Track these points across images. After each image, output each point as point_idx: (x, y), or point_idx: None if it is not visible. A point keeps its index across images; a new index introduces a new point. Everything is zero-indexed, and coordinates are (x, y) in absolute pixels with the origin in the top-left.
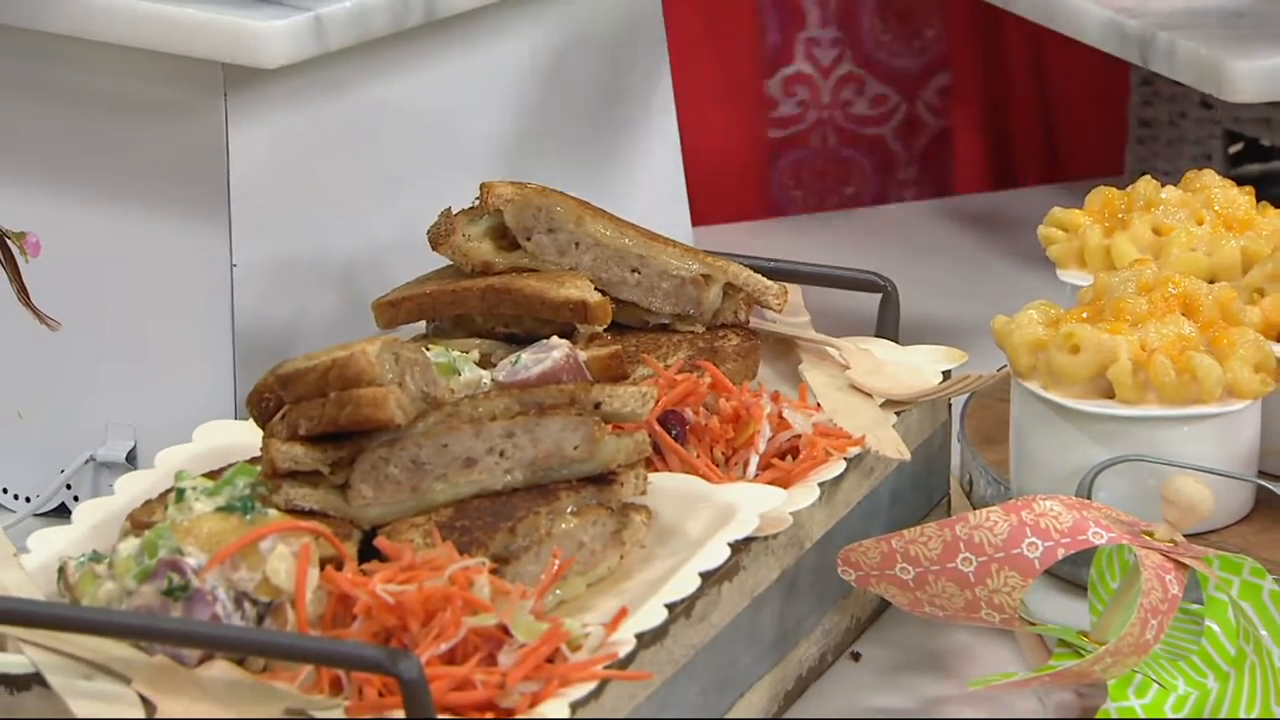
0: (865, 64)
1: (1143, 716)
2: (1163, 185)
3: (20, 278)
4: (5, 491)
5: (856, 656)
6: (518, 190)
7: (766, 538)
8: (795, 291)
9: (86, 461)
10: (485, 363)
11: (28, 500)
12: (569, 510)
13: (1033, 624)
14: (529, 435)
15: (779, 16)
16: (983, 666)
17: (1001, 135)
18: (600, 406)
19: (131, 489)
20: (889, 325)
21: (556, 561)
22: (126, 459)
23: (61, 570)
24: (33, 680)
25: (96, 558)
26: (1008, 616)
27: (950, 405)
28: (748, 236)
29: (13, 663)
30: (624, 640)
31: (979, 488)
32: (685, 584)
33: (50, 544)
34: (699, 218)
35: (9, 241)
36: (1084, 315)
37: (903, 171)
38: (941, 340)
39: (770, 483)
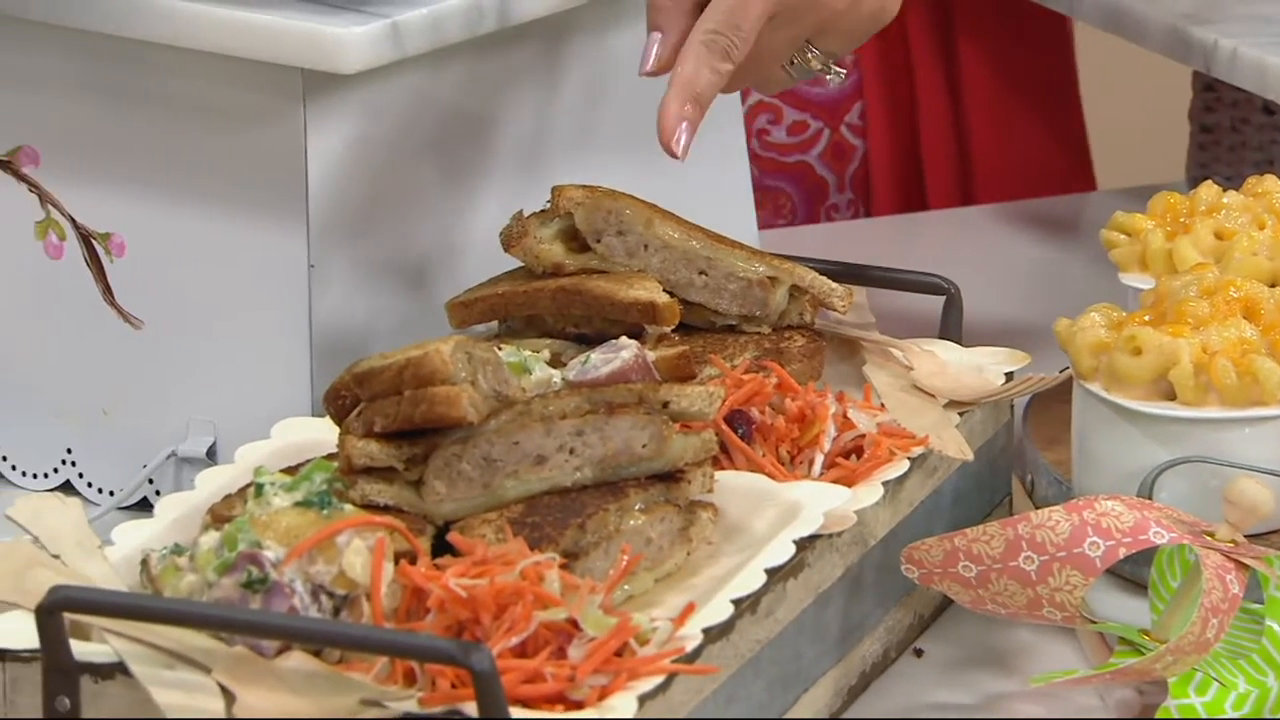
0: (778, 94)
1: (1203, 714)
2: (1224, 190)
3: (105, 277)
4: (90, 486)
5: (919, 653)
6: (588, 193)
7: (831, 535)
8: (860, 294)
9: (168, 457)
10: (556, 362)
11: (111, 494)
12: (637, 507)
13: (1094, 622)
14: (598, 433)
15: None
16: (1044, 664)
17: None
18: (668, 406)
19: (212, 484)
20: (952, 327)
21: (625, 557)
22: (207, 455)
23: (144, 562)
24: (116, 669)
25: (178, 550)
26: (1069, 614)
27: (1013, 406)
28: (813, 240)
29: (97, 652)
30: (691, 635)
31: (1040, 488)
32: (751, 580)
33: (133, 537)
34: None
35: (94, 242)
36: (1146, 318)
37: (834, 197)
38: (1004, 342)
39: (835, 481)
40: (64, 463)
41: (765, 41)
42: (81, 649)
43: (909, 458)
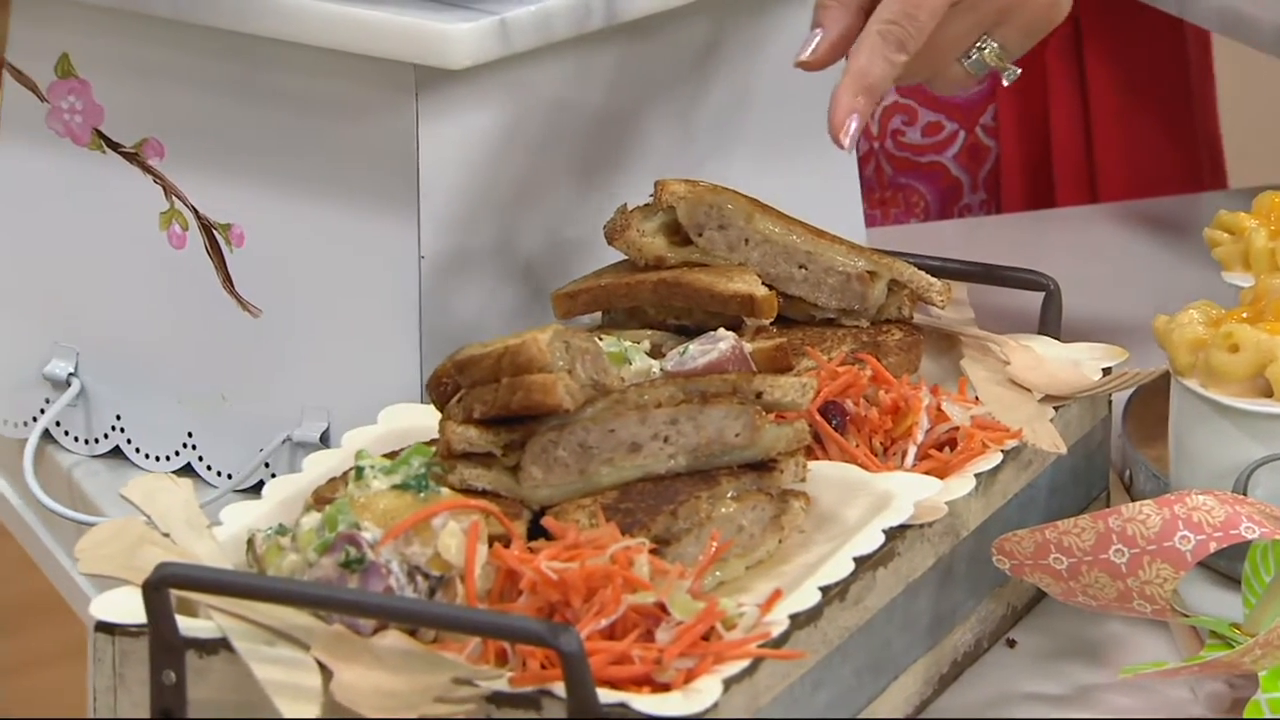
0: (912, 94)
1: None
2: None
3: (225, 267)
4: (209, 469)
5: (1012, 643)
6: (690, 188)
7: (922, 526)
8: (960, 289)
9: (283, 442)
10: (656, 353)
11: (229, 477)
12: (729, 495)
13: (1185, 615)
14: (692, 422)
15: None
16: (1136, 656)
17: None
18: (762, 396)
19: (319, 467)
20: (1051, 323)
21: (714, 544)
22: (320, 440)
23: (250, 542)
24: (220, 645)
25: (282, 531)
26: (1159, 608)
27: (1110, 402)
28: (916, 236)
29: (202, 628)
30: (778, 621)
31: (1138, 483)
32: (839, 568)
33: (241, 517)
34: None
35: (215, 232)
36: (1244, 315)
37: (967, 197)
38: (1110, 339)
39: (927, 473)
40: (185, 446)
41: (943, 32)
42: (188, 625)
43: (1002, 450)
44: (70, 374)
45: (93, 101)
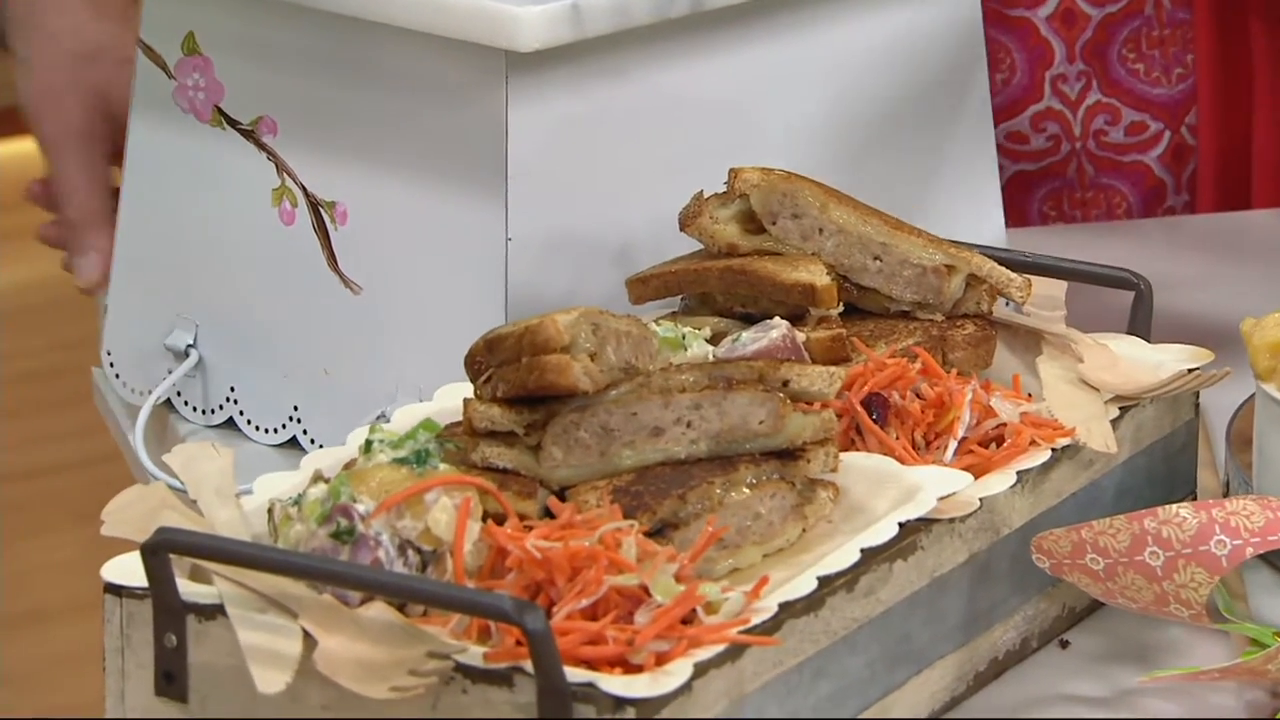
0: (1115, 93)
1: None
2: None
3: (330, 244)
4: (313, 442)
5: (1065, 644)
6: (764, 176)
7: (952, 520)
8: (1058, 287)
9: (378, 418)
10: (718, 340)
11: None
12: (748, 481)
13: (1228, 621)
14: (716, 408)
15: (1026, 58)
16: (1191, 660)
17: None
18: (788, 384)
19: (360, 440)
20: (1140, 323)
21: (710, 529)
22: None
23: (270, 511)
24: (218, 610)
25: (297, 501)
26: (1195, 612)
27: (1198, 405)
28: (1086, 234)
29: (203, 593)
30: (764, 608)
31: (1234, 488)
32: (844, 558)
33: (272, 487)
34: None
35: (322, 210)
36: None
37: (1171, 199)
38: (1211, 344)
39: (966, 468)
40: (290, 419)
41: None
42: (190, 590)
43: (1052, 448)
44: (189, 345)
45: (214, 79)
